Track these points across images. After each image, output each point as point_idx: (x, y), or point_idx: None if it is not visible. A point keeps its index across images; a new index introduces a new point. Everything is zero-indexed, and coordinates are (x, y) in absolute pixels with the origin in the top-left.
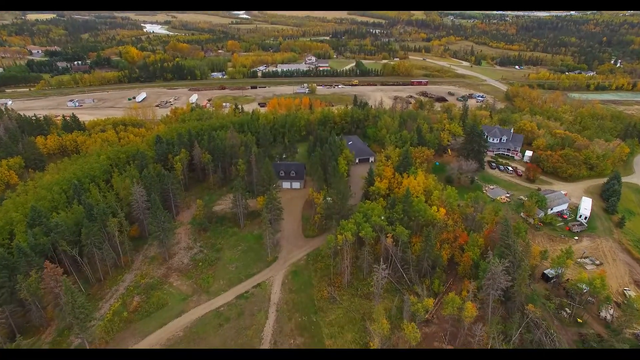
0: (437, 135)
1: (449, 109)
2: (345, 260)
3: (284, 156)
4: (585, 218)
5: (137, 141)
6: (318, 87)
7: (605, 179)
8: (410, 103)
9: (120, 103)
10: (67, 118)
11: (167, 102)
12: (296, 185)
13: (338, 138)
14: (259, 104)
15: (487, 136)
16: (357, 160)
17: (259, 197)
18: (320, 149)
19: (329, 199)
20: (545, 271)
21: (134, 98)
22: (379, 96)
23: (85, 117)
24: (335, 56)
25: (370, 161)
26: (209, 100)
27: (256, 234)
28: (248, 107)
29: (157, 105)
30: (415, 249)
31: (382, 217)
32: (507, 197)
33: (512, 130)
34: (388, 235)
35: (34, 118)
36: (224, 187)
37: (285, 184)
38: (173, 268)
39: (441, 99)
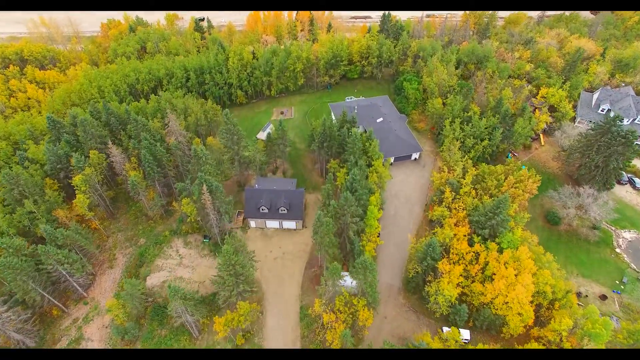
0: (529, 117)
1: (532, 41)
2: None
3: (261, 136)
4: None
5: (39, 99)
6: None
7: None
8: None
9: None
10: None
11: None
12: (289, 225)
13: (363, 132)
14: None
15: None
16: (392, 160)
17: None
18: (330, 150)
19: (351, 281)
20: None
21: None
22: None
23: None
24: None
25: (413, 159)
26: None
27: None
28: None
29: None
30: None
31: None
32: None
33: None
34: None
35: None
36: (169, 217)
37: (271, 223)
38: None
39: None
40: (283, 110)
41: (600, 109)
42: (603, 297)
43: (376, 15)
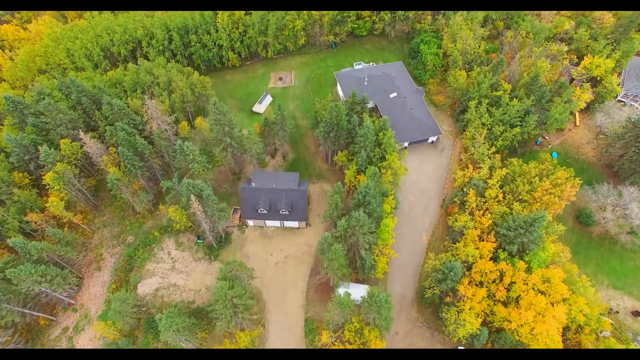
0: (568, 98)
1: None
2: None
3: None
4: None
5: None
6: None
7: None
8: None
9: None
10: None
11: None
12: (292, 224)
13: (374, 110)
14: None
15: None
16: (405, 145)
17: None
18: (337, 141)
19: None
20: None
21: None
22: None
23: None
24: None
25: (430, 141)
26: None
27: None
28: None
29: None
30: None
31: None
32: None
33: None
34: None
35: None
36: (156, 210)
37: (271, 222)
38: None
39: None
40: (282, 76)
41: None
42: (636, 314)
43: None
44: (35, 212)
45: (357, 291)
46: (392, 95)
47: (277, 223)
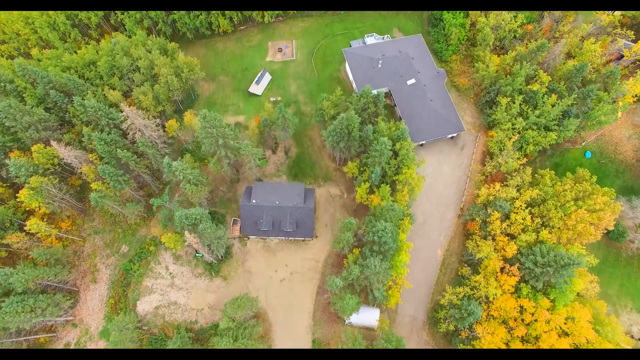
0: (619, 89)
1: None
2: None
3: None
4: None
5: None
6: None
7: None
8: None
9: None
10: None
11: None
12: (296, 237)
13: (387, 96)
14: None
15: None
16: (421, 143)
17: None
18: (347, 150)
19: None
20: None
21: None
22: None
23: None
24: None
25: (449, 137)
26: None
27: None
28: None
29: None
30: None
31: None
32: None
33: None
34: None
35: None
36: (151, 217)
37: (275, 234)
38: None
39: None
40: (281, 47)
41: None
42: None
43: None
44: (15, 231)
45: (369, 315)
46: (409, 82)
47: (280, 237)
